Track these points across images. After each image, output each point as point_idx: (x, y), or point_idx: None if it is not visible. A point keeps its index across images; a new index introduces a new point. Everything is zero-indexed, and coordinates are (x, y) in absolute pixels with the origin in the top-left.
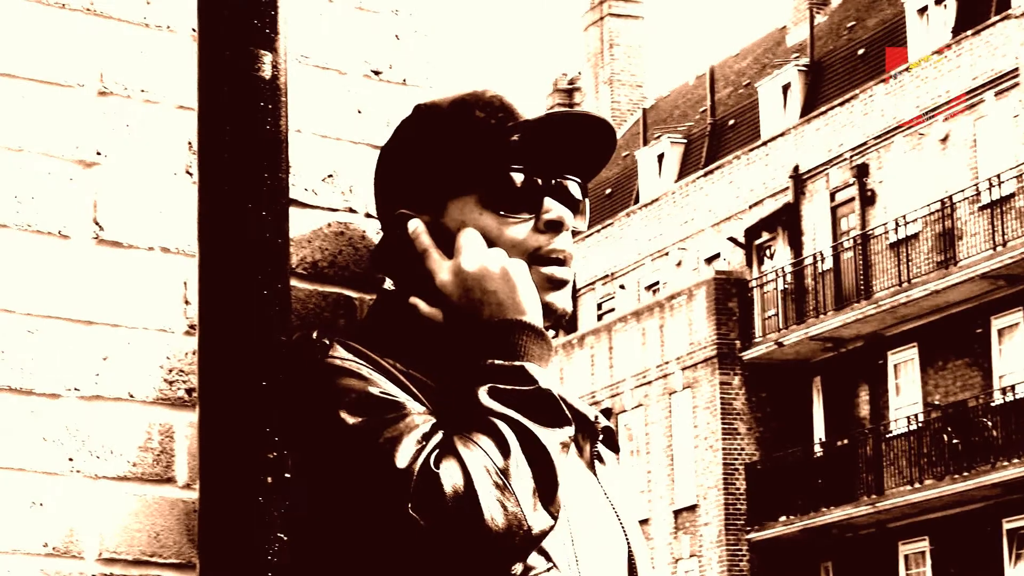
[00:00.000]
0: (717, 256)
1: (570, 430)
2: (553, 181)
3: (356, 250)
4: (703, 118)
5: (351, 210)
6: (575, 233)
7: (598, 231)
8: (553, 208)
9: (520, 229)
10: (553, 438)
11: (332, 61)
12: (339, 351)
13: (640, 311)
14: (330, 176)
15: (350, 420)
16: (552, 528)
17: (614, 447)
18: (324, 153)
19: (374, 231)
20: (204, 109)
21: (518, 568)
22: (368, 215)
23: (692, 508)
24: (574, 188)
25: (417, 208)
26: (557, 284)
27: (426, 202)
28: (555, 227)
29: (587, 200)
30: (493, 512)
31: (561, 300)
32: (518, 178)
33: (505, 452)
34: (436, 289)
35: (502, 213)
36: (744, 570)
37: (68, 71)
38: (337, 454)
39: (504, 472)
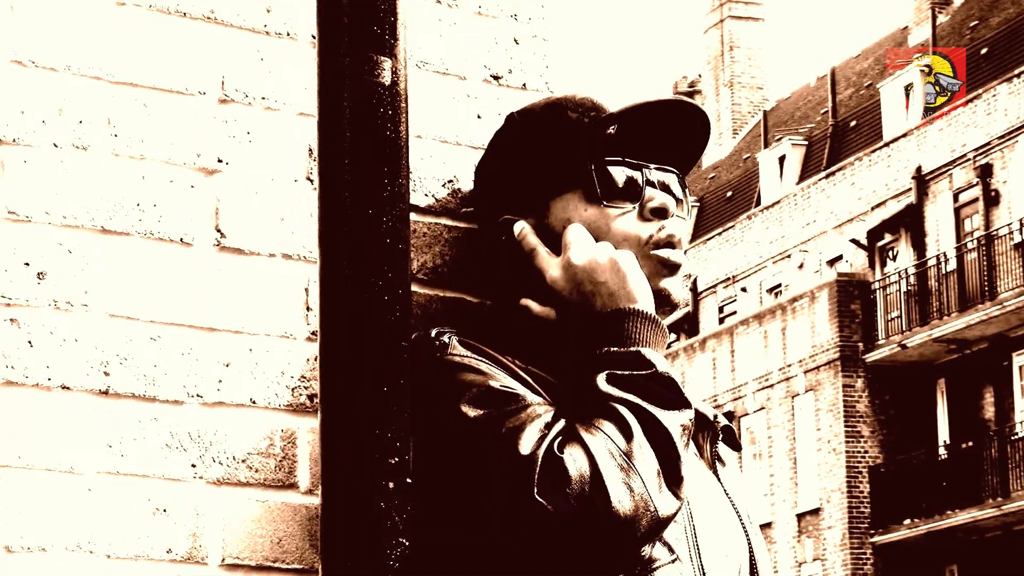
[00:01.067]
0: (839, 258)
1: (690, 412)
2: (652, 170)
3: (475, 255)
4: (824, 119)
5: (471, 215)
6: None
7: (719, 234)
8: (656, 196)
9: (625, 220)
10: (674, 420)
11: (452, 66)
12: (458, 348)
13: (762, 314)
14: (450, 181)
15: (472, 413)
16: (678, 510)
17: (735, 445)
18: (444, 158)
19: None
20: (324, 115)
21: (646, 550)
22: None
23: (815, 511)
24: (672, 179)
25: (520, 212)
26: (670, 268)
27: (529, 205)
28: (660, 213)
29: (687, 191)
30: (620, 495)
31: (674, 285)
32: (617, 169)
33: (628, 435)
34: (547, 287)
35: (605, 205)
36: (868, 574)
37: (190, 79)
38: (461, 447)
39: (628, 455)
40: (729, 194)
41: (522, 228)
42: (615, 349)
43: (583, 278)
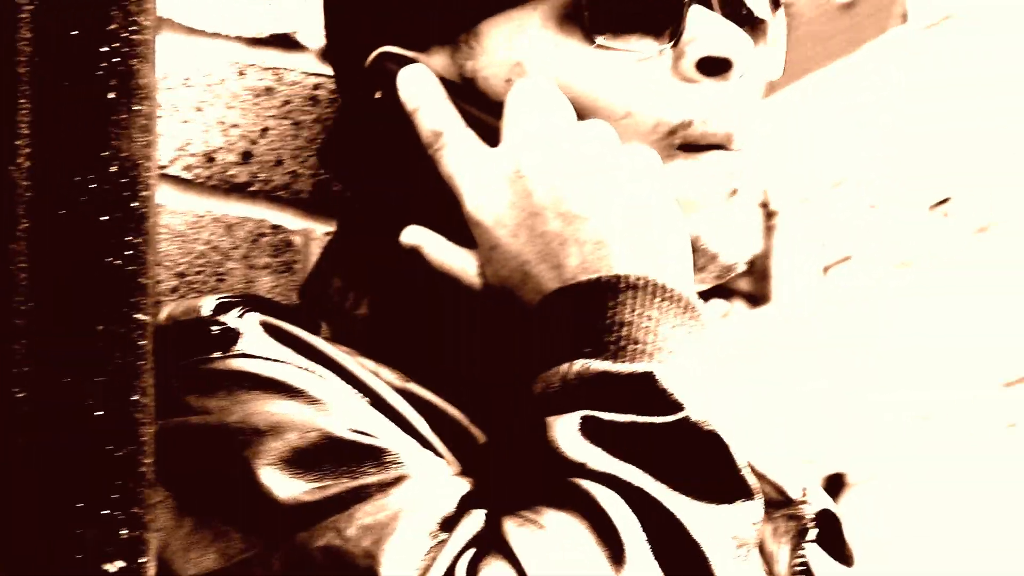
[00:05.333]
0: None
1: (756, 506)
2: None
3: (299, 128)
4: None
5: (289, 41)
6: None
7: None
8: (709, 30)
9: (641, 76)
10: (718, 523)
11: None
12: (254, 340)
13: None
14: None
15: (281, 491)
16: None
17: (841, 552)
18: None
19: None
20: None
21: None
22: (322, 55)
23: None
24: None
25: (415, 42)
26: (721, 193)
27: (436, 28)
28: (715, 70)
29: (782, 12)
30: None
31: (727, 228)
32: None
33: (615, 553)
34: (463, 214)
35: (599, 41)
36: None
37: None
38: (258, 560)
39: None
40: None
41: (417, 80)
42: (599, 365)
43: (545, 203)
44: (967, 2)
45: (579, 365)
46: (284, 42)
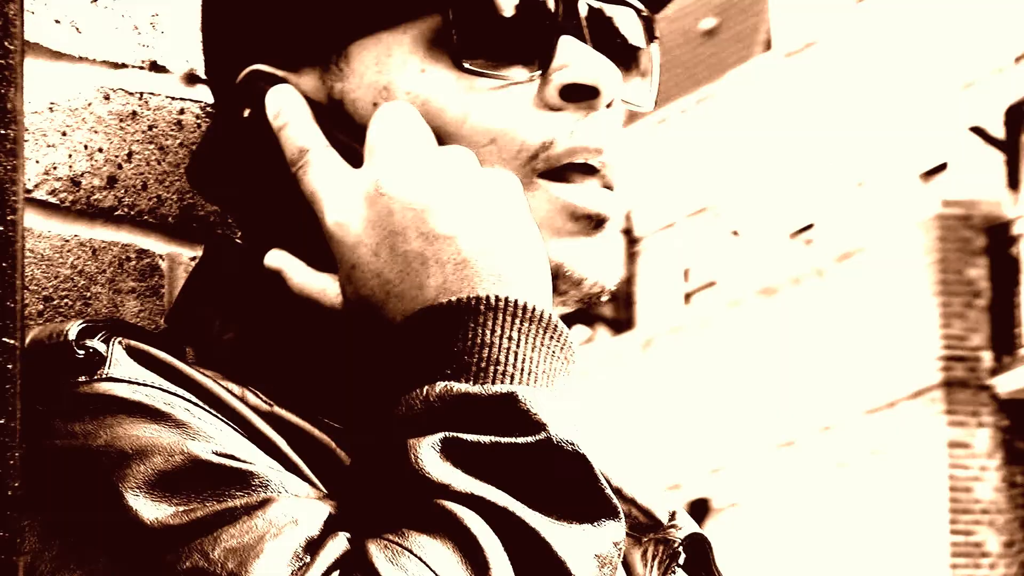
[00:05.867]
0: (941, 168)
1: (618, 526)
2: (581, 2)
3: (164, 153)
4: None
5: (155, 65)
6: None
7: (682, 114)
8: (577, 58)
9: (507, 102)
10: (583, 543)
11: None
12: (123, 365)
13: (775, 287)
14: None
15: (148, 514)
16: None
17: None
18: None
19: (202, 111)
20: None
21: None
22: (192, 75)
23: None
24: (624, 17)
25: (288, 62)
26: (584, 225)
27: (306, 49)
28: (580, 96)
29: (656, 45)
30: None
31: (590, 256)
32: None
33: (478, 572)
34: (326, 234)
35: (467, 66)
36: None
37: None
38: None
39: None
40: (708, 24)
41: (282, 100)
42: (462, 387)
43: (406, 223)
44: (830, 29)
45: (441, 387)
46: (150, 67)
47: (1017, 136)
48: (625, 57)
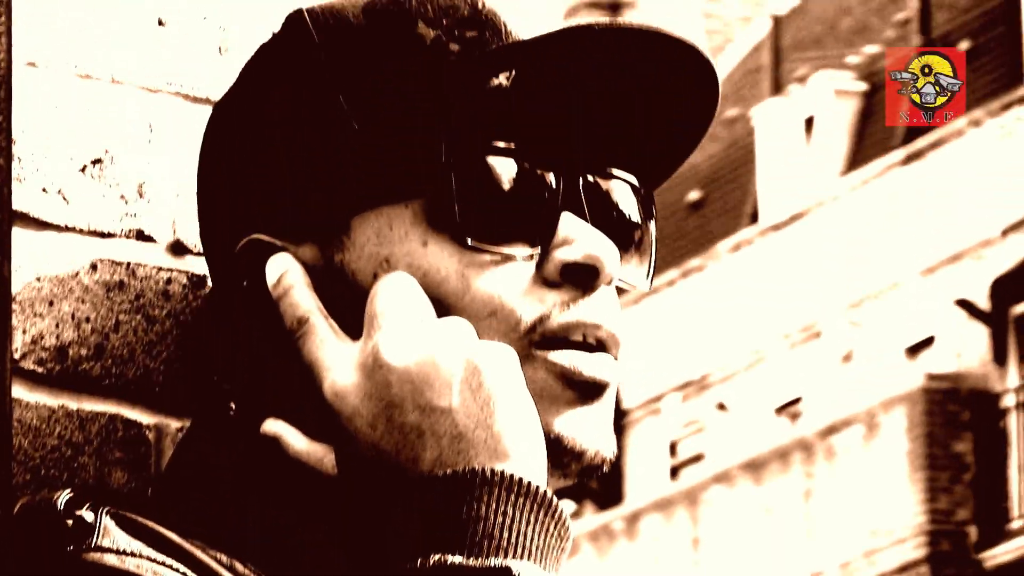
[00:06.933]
0: (929, 341)
1: None
2: (581, 179)
3: (151, 323)
4: (905, 32)
5: (141, 235)
6: (621, 291)
7: (669, 285)
8: (579, 236)
9: (507, 277)
10: None
11: None
12: (112, 536)
13: (762, 461)
14: (97, 162)
15: None
16: None
17: None
18: (89, 119)
19: (189, 281)
20: None
21: None
22: (178, 245)
23: None
24: (622, 192)
25: (288, 232)
26: (582, 392)
27: (307, 220)
28: (580, 276)
29: (653, 222)
30: None
31: (590, 428)
32: (505, 166)
33: None
34: (324, 405)
35: (470, 243)
36: None
37: None
38: None
39: None
40: (693, 197)
41: (282, 270)
42: (455, 560)
43: (403, 395)
44: (816, 202)
45: (435, 558)
46: (136, 237)
47: (1004, 309)
48: (622, 233)
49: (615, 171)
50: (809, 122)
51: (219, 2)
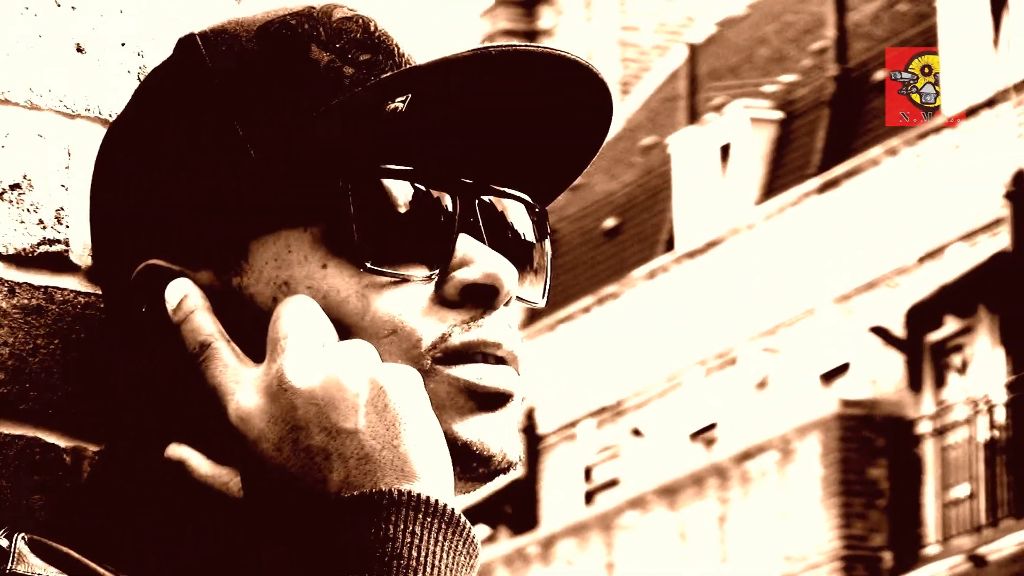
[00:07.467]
0: (844, 368)
1: None
2: (477, 199)
3: (69, 348)
4: (820, 64)
5: (61, 260)
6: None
7: (585, 312)
8: (477, 257)
9: (406, 298)
10: None
11: None
12: (28, 562)
13: (676, 487)
14: (16, 187)
15: None
16: None
17: None
18: (7, 145)
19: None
20: None
21: None
22: (89, 273)
23: None
24: (517, 212)
25: (186, 257)
26: (485, 402)
27: (205, 245)
28: (479, 295)
29: (548, 241)
30: None
31: (494, 431)
32: (402, 189)
33: None
34: (228, 428)
35: (368, 265)
36: None
37: None
38: None
39: None
40: (608, 224)
41: (182, 294)
42: None
43: (309, 418)
44: (732, 230)
45: None
46: (55, 261)
47: (919, 337)
48: (519, 252)
49: (510, 191)
50: (725, 150)
51: (137, 27)
